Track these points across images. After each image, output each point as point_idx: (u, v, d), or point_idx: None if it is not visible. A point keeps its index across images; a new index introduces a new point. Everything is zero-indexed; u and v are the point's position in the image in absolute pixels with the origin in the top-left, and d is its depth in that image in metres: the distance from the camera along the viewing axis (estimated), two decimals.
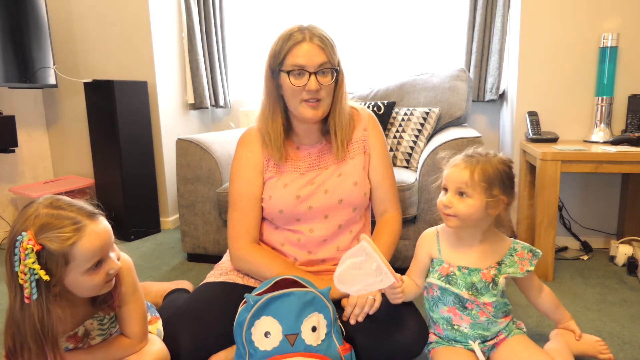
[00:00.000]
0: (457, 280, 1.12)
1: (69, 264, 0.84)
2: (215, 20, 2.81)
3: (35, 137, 2.81)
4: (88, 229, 0.86)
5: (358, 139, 1.34)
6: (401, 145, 2.14)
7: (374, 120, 1.39)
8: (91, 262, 0.87)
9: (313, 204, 1.28)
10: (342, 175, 1.30)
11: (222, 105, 2.90)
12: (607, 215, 2.24)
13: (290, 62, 1.17)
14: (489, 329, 1.15)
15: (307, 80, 1.16)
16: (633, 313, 1.58)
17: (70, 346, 1.00)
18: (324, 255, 1.30)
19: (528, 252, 1.16)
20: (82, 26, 2.68)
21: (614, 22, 2.06)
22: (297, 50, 1.16)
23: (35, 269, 0.80)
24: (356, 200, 1.30)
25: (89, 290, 0.90)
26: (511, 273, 1.13)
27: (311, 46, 1.16)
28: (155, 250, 2.36)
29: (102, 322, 1.03)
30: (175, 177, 2.44)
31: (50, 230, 0.82)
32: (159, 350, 1.06)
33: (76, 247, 0.84)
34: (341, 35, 2.76)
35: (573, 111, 2.16)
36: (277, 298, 1.06)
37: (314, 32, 1.17)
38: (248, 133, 1.36)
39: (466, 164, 1.09)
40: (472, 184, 1.06)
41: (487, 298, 1.11)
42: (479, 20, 2.39)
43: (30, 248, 0.80)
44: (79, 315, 0.97)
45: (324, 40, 1.17)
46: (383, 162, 1.35)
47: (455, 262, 1.15)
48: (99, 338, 1.03)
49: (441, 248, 1.18)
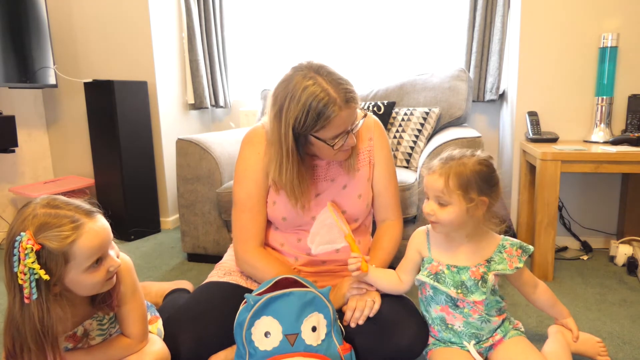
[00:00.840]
0: (446, 279, 1.12)
1: (69, 262, 0.84)
2: (215, 20, 2.81)
3: (35, 137, 2.81)
4: (87, 227, 0.86)
5: (364, 150, 1.32)
6: (401, 145, 2.14)
7: (380, 128, 1.36)
8: (91, 260, 0.87)
9: (316, 215, 1.27)
10: (347, 187, 1.29)
11: (222, 105, 2.90)
12: (607, 215, 2.24)
13: (331, 134, 1.12)
14: (483, 328, 1.14)
15: (346, 138, 1.15)
16: (633, 313, 1.58)
17: (69, 346, 0.99)
18: (324, 257, 1.30)
19: (517, 248, 1.15)
20: (82, 26, 2.68)
21: (614, 22, 2.06)
22: (337, 121, 1.10)
23: (34, 269, 0.80)
24: (359, 212, 1.31)
25: (89, 289, 0.90)
26: (500, 270, 1.12)
27: (348, 112, 1.11)
28: (155, 250, 2.36)
29: (101, 322, 1.03)
30: (175, 177, 2.44)
31: (49, 230, 0.82)
32: (159, 350, 1.06)
33: (76, 245, 0.84)
34: (341, 35, 2.76)
35: (573, 111, 2.16)
36: (277, 298, 1.06)
37: (341, 91, 1.09)
38: (255, 133, 1.31)
39: (441, 170, 1.07)
40: (448, 191, 1.05)
41: (476, 296, 1.10)
42: (479, 20, 2.39)
43: (30, 248, 0.80)
44: (78, 315, 0.97)
45: (355, 97, 1.12)
46: (387, 171, 1.34)
47: (444, 260, 1.14)
48: (99, 338, 1.03)
49: (431, 246, 1.18)
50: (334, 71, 1.13)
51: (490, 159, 1.11)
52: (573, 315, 1.56)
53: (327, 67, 1.13)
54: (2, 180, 2.61)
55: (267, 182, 1.28)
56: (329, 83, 1.09)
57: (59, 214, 0.85)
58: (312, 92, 1.07)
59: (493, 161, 1.12)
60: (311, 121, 1.09)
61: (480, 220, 1.11)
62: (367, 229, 1.39)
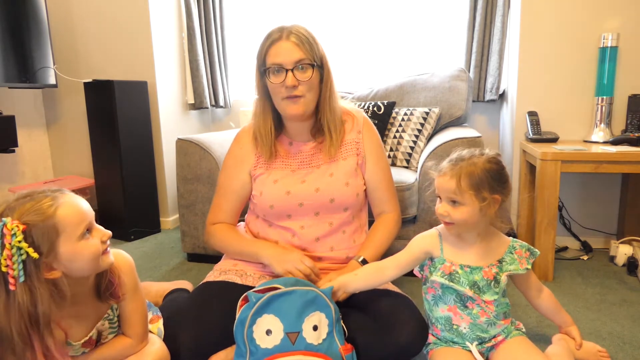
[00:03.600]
0: (460, 279, 1.13)
1: (60, 235, 0.83)
2: (215, 20, 2.81)
3: (35, 137, 2.81)
4: (64, 198, 0.86)
5: (352, 141, 1.35)
6: (401, 145, 2.14)
7: (369, 124, 1.40)
8: (80, 226, 0.86)
9: (304, 201, 1.29)
10: (333, 175, 1.31)
11: (222, 105, 2.90)
12: (607, 215, 2.24)
13: (270, 61, 1.22)
14: (488, 331, 1.15)
15: (284, 77, 1.20)
16: (633, 313, 1.58)
17: (86, 351, 1.00)
18: (320, 254, 1.31)
19: (526, 250, 1.17)
20: (82, 26, 2.68)
21: (614, 22, 2.06)
22: (275, 49, 1.21)
23: (22, 248, 0.78)
24: (348, 200, 1.31)
25: (90, 260, 0.87)
26: (512, 270, 1.14)
27: (287, 43, 1.20)
28: (155, 250, 2.36)
29: (112, 321, 1.02)
30: (175, 177, 2.44)
31: (28, 209, 0.81)
32: (159, 350, 1.06)
33: (58, 213, 0.83)
34: (341, 35, 2.76)
35: (573, 111, 2.16)
36: (279, 296, 1.06)
37: (292, 29, 1.21)
38: (242, 130, 1.42)
39: (452, 172, 1.08)
40: (461, 192, 1.07)
41: (488, 296, 1.11)
42: (479, 20, 2.39)
43: (16, 226, 0.78)
44: (89, 316, 0.97)
45: (300, 37, 1.20)
46: (379, 165, 1.36)
47: (457, 260, 1.15)
48: (111, 336, 1.04)
49: (443, 247, 1.18)
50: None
51: (499, 156, 1.12)
52: (573, 316, 1.56)
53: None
54: (2, 180, 2.61)
55: (245, 176, 1.36)
56: (286, 27, 1.23)
57: (32, 196, 0.84)
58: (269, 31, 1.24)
59: (501, 158, 1.12)
60: (259, 49, 1.25)
61: (491, 219, 1.12)
62: (361, 227, 1.39)
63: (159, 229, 2.67)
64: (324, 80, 1.27)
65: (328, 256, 1.31)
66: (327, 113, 1.29)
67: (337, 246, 1.31)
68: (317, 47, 1.24)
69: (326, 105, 1.28)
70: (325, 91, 1.28)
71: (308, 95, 1.24)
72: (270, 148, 1.32)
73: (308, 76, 1.22)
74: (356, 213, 1.36)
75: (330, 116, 1.30)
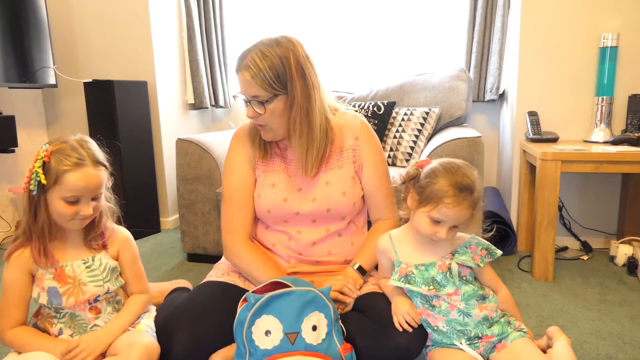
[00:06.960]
0: (415, 279, 1.12)
1: (55, 185, 1.02)
2: (215, 20, 2.81)
3: (35, 137, 2.81)
4: (83, 169, 1.03)
5: (348, 148, 1.31)
6: (401, 145, 2.14)
7: (367, 129, 1.34)
8: (71, 193, 1.02)
9: (300, 210, 1.27)
10: (329, 184, 1.28)
11: (222, 105, 2.90)
12: (607, 215, 2.24)
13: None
14: (467, 323, 1.12)
15: (247, 106, 1.20)
16: (633, 313, 1.58)
17: (58, 286, 1.06)
18: (317, 258, 1.30)
19: (483, 249, 1.15)
20: (82, 26, 2.68)
21: (614, 22, 2.06)
22: (238, 77, 1.18)
23: (38, 172, 1.01)
24: (345, 210, 1.29)
25: (56, 215, 1.04)
26: (462, 261, 1.13)
27: (243, 76, 1.16)
28: (155, 250, 2.36)
29: (90, 269, 1.09)
30: (175, 177, 2.44)
31: (60, 154, 1.02)
32: (149, 342, 1.06)
33: (66, 175, 1.01)
34: (341, 35, 2.77)
35: (573, 111, 2.16)
36: (278, 297, 1.06)
37: (247, 61, 1.15)
38: (242, 128, 1.36)
39: (468, 202, 1.07)
40: (469, 217, 1.09)
41: (449, 289, 1.11)
42: (479, 20, 2.39)
43: (42, 155, 1.01)
44: (68, 251, 1.10)
45: (253, 71, 1.14)
46: (377, 172, 1.32)
47: (412, 261, 1.15)
48: (91, 285, 1.08)
49: (397, 250, 1.17)
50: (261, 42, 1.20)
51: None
52: (573, 315, 1.56)
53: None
54: (2, 180, 2.61)
55: (253, 174, 1.32)
56: (245, 51, 1.18)
57: (75, 148, 1.04)
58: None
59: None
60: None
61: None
62: (359, 229, 1.37)
63: (159, 229, 2.67)
64: (294, 105, 1.17)
65: (326, 260, 1.30)
66: (297, 138, 1.22)
67: (334, 250, 1.30)
68: (277, 75, 1.14)
69: (296, 129, 1.21)
70: (295, 115, 1.18)
71: (271, 124, 1.21)
72: (264, 147, 1.30)
73: (264, 110, 1.17)
74: (354, 218, 1.34)
75: (299, 141, 1.22)
